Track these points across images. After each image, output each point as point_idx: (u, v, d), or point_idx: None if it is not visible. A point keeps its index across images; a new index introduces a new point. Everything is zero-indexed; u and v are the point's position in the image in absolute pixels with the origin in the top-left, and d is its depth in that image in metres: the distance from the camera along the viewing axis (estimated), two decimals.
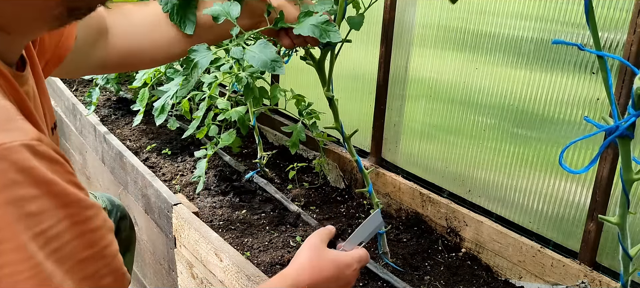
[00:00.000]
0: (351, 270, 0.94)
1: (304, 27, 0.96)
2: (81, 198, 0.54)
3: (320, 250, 0.93)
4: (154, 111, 1.48)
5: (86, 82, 2.97)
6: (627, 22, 1.15)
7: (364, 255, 0.97)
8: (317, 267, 0.90)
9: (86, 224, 0.54)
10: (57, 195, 0.51)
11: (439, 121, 1.65)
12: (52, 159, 0.52)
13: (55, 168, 0.52)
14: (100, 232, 0.56)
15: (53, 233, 0.50)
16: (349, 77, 1.92)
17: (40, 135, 0.52)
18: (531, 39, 1.36)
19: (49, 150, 0.52)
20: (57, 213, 0.51)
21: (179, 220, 1.50)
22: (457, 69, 1.56)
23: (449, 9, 1.55)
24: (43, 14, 0.55)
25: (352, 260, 0.94)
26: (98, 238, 0.56)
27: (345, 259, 0.93)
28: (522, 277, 1.39)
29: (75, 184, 0.55)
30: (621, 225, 0.73)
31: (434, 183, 1.71)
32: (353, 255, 0.95)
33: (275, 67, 0.90)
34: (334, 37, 0.96)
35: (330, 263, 0.91)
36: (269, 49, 0.91)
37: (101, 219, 0.57)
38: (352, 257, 0.94)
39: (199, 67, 0.92)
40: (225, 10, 0.97)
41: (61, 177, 0.52)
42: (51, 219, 0.50)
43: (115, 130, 2.33)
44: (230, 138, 1.75)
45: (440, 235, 1.59)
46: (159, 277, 1.79)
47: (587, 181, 1.31)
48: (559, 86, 1.32)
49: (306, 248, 0.93)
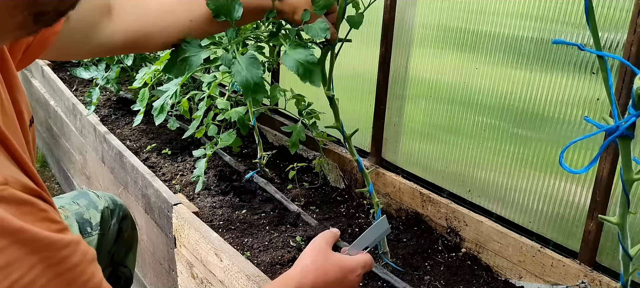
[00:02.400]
0: (355, 274, 0.93)
1: (289, 60, 0.91)
2: (54, 240, 0.51)
3: (325, 252, 0.92)
4: (154, 111, 1.48)
5: (86, 82, 2.97)
6: (627, 22, 1.15)
7: (369, 260, 0.97)
8: (321, 269, 0.90)
9: (62, 265, 0.52)
10: (26, 242, 0.49)
11: (439, 121, 1.65)
12: (19, 201, 0.50)
13: (23, 211, 0.50)
14: (80, 268, 0.54)
15: (25, 282, 0.48)
16: (349, 77, 1.92)
17: (4, 178, 0.49)
18: (531, 39, 1.36)
19: (15, 193, 0.50)
20: (29, 260, 0.49)
21: (179, 220, 1.50)
22: (457, 69, 1.56)
23: (449, 9, 1.55)
24: (2, 22, 0.48)
25: (357, 265, 0.94)
26: (77, 275, 0.54)
27: (350, 263, 0.93)
28: (522, 277, 1.39)
29: (49, 221, 0.52)
30: (621, 225, 0.73)
31: (434, 183, 1.71)
32: (358, 259, 0.94)
33: (257, 91, 0.85)
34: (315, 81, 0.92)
35: (335, 266, 0.91)
36: (255, 68, 0.87)
37: (80, 254, 0.55)
38: (357, 262, 0.94)
39: (190, 64, 0.89)
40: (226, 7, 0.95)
41: (31, 218, 0.50)
42: (22, 268, 0.48)
43: (115, 130, 2.33)
44: (229, 138, 1.75)
45: (440, 235, 1.59)
46: (159, 277, 1.79)
47: (587, 181, 1.31)
48: (559, 86, 1.32)
49: (310, 250, 0.93)
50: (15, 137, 0.61)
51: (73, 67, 2.68)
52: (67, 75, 3.03)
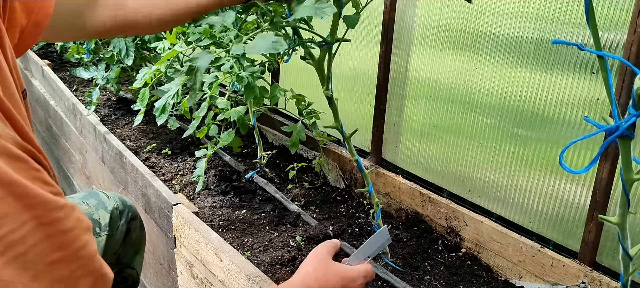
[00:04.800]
0: (357, 284, 0.93)
1: (300, 10, 0.95)
2: (48, 199, 0.50)
3: (326, 262, 0.92)
4: (155, 111, 1.48)
5: (86, 82, 2.97)
6: (627, 22, 1.15)
7: (370, 270, 0.97)
8: (323, 279, 0.90)
9: (54, 226, 0.51)
10: (19, 196, 0.47)
11: (439, 121, 1.65)
12: (13, 156, 0.49)
13: (17, 167, 0.48)
14: (73, 233, 0.52)
15: (14, 238, 0.47)
16: (349, 76, 1.92)
17: None
18: (531, 39, 1.36)
19: (9, 147, 0.49)
20: (21, 216, 0.48)
21: (179, 220, 1.50)
22: (457, 69, 1.56)
23: (449, 9, 1.55)
24: None
25: (358, 274, 0.94)
26: (71, 240, 0.52)
27: (351, 273, 0.93)
28: (522, 277, 1.39)
29: (42, 181, 0.51)
30: (621, 225, 0.74)
31: (434, 183, 1.71)
32: (359, 269, 0.95)
33: (277, 47, 0.88)
34: (329, 11, 0.93)
35: (337, 276, 0.91)
36: (268, 37, 0.91)
37: (74, 219, 0.53)
38: (358, 272, 0.94)
39: (199, 71, 0.92)
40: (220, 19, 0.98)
41: (25, 175, 0.49)
42: (13, 223, 0.47)
43: (115, 130, 2.34)
44: (229, 138, 1.75)
45: (440, 235, 1.59)
46: (159, 277, 1.79)
47: (587, 181, 1.31)
48: (559, 86, 1.32)
49: (313, 258, 0.93)
50: (14, 105, 0.59)
51: (73, 67, 2.68)
52: (67, 75, 3.03)
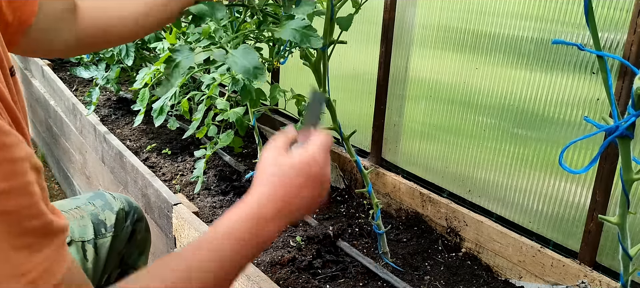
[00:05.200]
0: (317, 164, 0.74)
1: (286, 32, 0.94)
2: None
3: (279, 161, 0.75)
4: (153, 113, 1.48)
5: (86, 82, 2.97)
6: (627, 22, 1.15)
7: (324, 136, 0.77)
8: (282, 185, 0.74)
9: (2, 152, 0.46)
10: None
11: (439, 121, 1.65)
12: None
13: None
14: (22, 165, 0.48)
15: None
16: (349, 77, 1.92)
17: None
18: (531, 39, 1.36)
19: None
20: None
21: (179, 220, 1.50)
22: (457, 69, 1.56)
23: (449, 9, 1.55)
24: None
25: (314, 150, 0.75)
26: (19, 172, 0.48)
27: (305, 157, 0.74)
28: (522, 277, 1.39)
29: None
30: (621, 225, 0.73)
31: (434, 183, 1.71)
32: (312, 145, 0.76)
33: (257, 75, 0.85)
34: (314, 42, 0.92)
35: (292, 169, 0.74)
36: (251, 55, 0.87)
37: (25, 153, 0.49)
38: (312, 148, 0.75)
39: (180, 67, 0.90)
40: (211, 11, 0.97)
41: None
42: None
43: (115, 130, 2.34)
44: (228, 138, 1.75)
45: (440, 235, 1.59)
46: None
47: (587, 181, 1.31)
48: (559, 86, 1.32)
49: (264, 165, 0.77)
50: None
51: (73, 66, 2.68)
52: (67, 75, 3.03)
